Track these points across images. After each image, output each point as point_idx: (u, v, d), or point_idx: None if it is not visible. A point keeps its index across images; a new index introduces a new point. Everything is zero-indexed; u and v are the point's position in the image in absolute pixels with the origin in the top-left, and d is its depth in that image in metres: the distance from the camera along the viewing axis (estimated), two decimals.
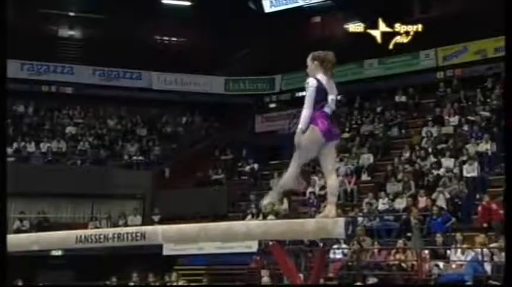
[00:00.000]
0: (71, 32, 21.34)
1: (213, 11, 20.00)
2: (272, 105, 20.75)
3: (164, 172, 18.43)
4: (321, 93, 4.34)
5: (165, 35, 22.11)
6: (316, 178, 15.01)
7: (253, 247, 12.75)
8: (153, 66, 19.94)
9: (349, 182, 14.56)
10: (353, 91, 18.44)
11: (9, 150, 17.15)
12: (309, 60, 4.49)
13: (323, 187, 14.62)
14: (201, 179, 17.99)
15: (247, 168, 18.08)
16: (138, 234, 4.99)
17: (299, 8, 20.38)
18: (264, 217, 13.75)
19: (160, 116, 20.58)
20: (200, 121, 21.04)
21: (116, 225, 14.95)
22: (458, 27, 16.54)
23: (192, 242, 10.40)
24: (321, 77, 4.40)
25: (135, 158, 18.36)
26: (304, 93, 4.54)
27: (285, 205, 14.37)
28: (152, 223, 14.54)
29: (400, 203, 12.91)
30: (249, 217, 14.36)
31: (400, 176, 13.78)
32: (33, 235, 6.75)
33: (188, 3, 21.78)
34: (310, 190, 14.70)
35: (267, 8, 20.73)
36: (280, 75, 20.25)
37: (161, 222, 14.53)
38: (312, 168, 16.00)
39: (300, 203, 14.83)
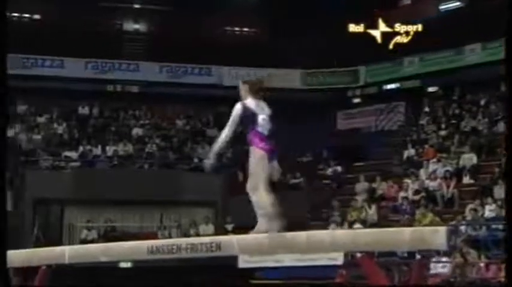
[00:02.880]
0: (136, 26, 21.99)
1: None
2: (356, 101, 20.44)
3: (237, 175, 18.58)
4: (248, 116, 5.31)
5: (236, 26, 22.33)
6: (409, 181, 14.68)
7: (339, 258, 12.59)
8: (224, 61, 20.16)
9: (448, 186, 14.15)
10: (451, 81, 17.84)
11: (75, 154, 17.93)
12: (240, 84, 5.52)
13: (417, 191, 14.27)
14: (277, 184, 17.99)
15: (329, 171, 17.94)
16: (213, 244, 5.07)
17: None
18: (350, 226, 13.58)
19: None
20: (275, 119, 21.04)
21: (186, 234, 15.25)
22: None
23: (270, 253, 10.42)
24: (250, 101, 5.36)
25: (205, 161, 18.63)
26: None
27: (373, 211, 14.13)
28: (225, 232, 14.72)
29: None
30: (333, 225, 14.23)
31: None
32: (102, 246, 6.99)
33: None
34: (402, 194, 14.39)
35: None
36: (365, 66, 19.92)
37: (235, 231, 14.67)
38: (404, 170, 15.69)
39: (391, 209, 14.54)
